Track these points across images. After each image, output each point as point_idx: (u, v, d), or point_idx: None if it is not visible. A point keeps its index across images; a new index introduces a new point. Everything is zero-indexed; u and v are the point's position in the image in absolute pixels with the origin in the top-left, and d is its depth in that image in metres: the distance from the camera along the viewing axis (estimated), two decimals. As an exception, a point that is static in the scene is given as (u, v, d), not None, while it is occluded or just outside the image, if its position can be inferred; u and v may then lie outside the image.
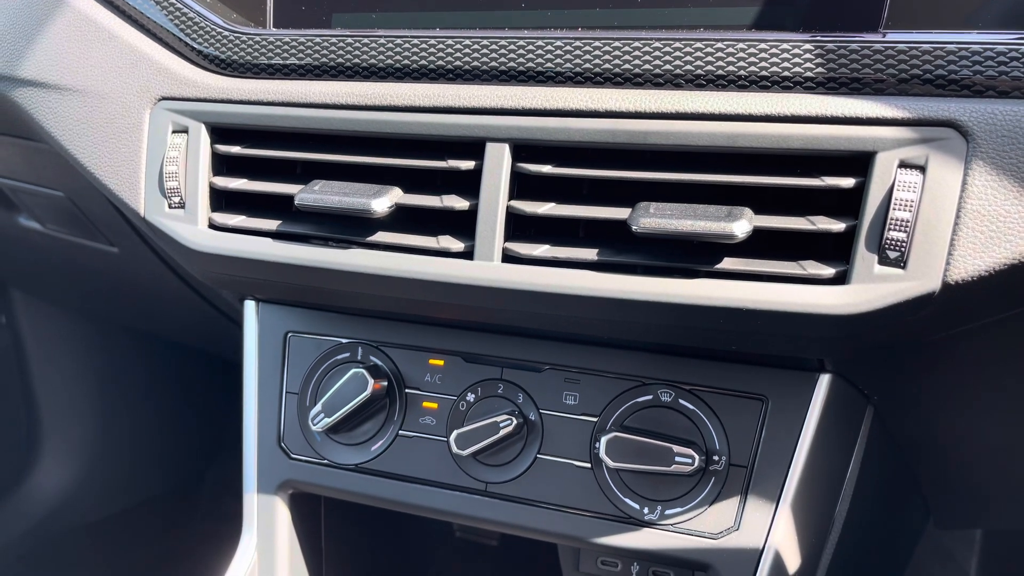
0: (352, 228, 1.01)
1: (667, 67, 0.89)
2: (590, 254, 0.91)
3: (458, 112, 0.96)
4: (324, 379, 1.16)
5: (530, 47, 0.94)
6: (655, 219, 0.84)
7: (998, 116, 0.78)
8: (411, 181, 1.00)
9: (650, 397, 1.02)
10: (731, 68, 0.87)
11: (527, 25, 0.96)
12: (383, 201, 0.95)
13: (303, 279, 1.04)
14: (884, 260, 0.81)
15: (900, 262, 0.80)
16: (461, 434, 1.06)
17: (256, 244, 1.04)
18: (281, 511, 1.22)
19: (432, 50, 0.98)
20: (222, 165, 1.09)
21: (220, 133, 1.08)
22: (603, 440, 0.99)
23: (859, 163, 0.83)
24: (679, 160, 0.89)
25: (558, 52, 0.93)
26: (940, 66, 0.80)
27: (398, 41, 1.00)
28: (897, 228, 0.80)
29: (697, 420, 1.00)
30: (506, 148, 0.93)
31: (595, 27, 0.93)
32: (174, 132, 1.08)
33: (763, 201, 0.88)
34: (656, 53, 0.89)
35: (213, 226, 1.08)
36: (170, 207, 1.09)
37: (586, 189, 0.96)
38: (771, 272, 0.85)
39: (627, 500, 1.02)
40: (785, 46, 0.85)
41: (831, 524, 1.06)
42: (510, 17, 0.97)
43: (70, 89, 1.15)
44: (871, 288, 0.81)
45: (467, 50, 0.97)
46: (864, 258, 0.81)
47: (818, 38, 0.84)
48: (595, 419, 1.04)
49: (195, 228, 1.07)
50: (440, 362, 1.11)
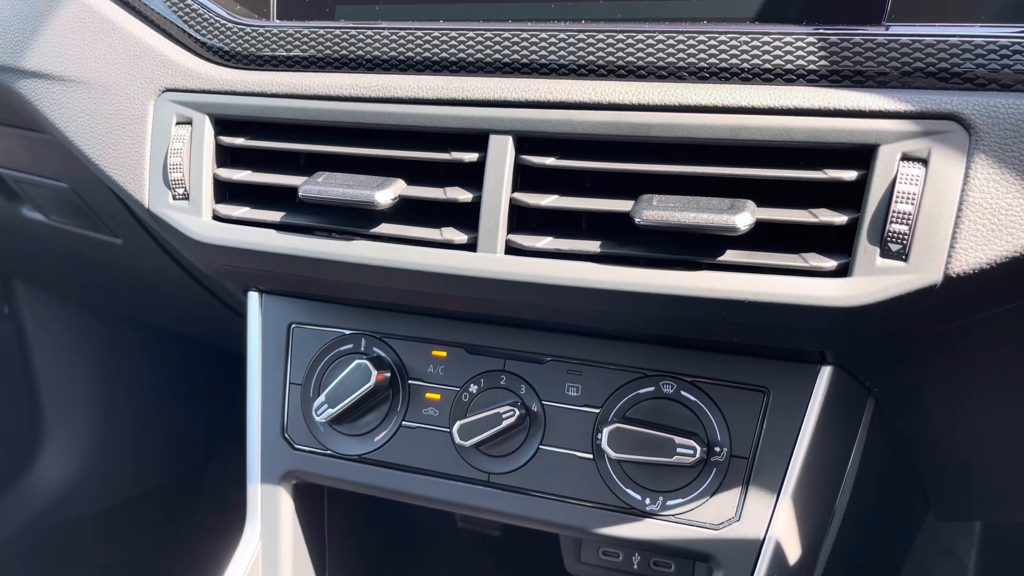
0: (356, 220, 1.01)
1: (670, 59, 0.89)
2: (593, 246, 0.91)
3: (461, 104, 0.96)
4: (327, 370, 1.17)
5: (533, 39, 0.94)
6: (658, 211, 0.85)
7: (1000, 109, 0.78)
8: (414, 173, 1.00)
9: (652, 388, 1.02)
10: (734, 61, 0.87)
11: (530, 17, 0.96)
12: (387, 193, 0.95)
13: (307, 270, 1.05)
14: (886, 253, 0.81)
15: (902, 255, 0.81)
16: (464, 425, 1.07)
17: (260, 235, 1.05)
18: (284, 501, 1.22)
19: (435, 42, 0.98)
20: (226, 157, 1.09)
21: (224, 125, 1.09)
22: (605, 431, 1.00)
23: (861, 156, 0.83)
24: (682, 152, 0.90)
25: (561, 44, 0.93)
26: (943, 59, 0.80)
27: (401, 33, 1.00)
28: (899, 221, 0.80)
29: (699, 411, 1.00)
30: (509, 140, 0.93)
31: (598, 19, 0.93)
32: (178, 124, 1.09)
33: (765, 194, 0.89)
34: (659, 45, 0.89)
35: (217, 217, 1.08)
36: (174, 198, 1.09)
37: (589, 181, 0.97)
38: (773, 264, 0.85)
39: (629, 491, 1.03)
40: (788, 39, 0.85)
41: (831, 515, 1.07)
42: (513, 9, 0.97)
43: (74, 80, 1.15)
44: (873, 280, 0.81)
45: (470, 42, 0.97)
46: (866, 251, 0.82)
47: (821, 31, 0.84)
48: (597, 410, 1.04)
49: (199, 219, 1.08)
50: (443, 353, 1.12)
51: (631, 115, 0.89)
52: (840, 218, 0.83)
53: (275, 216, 1.05)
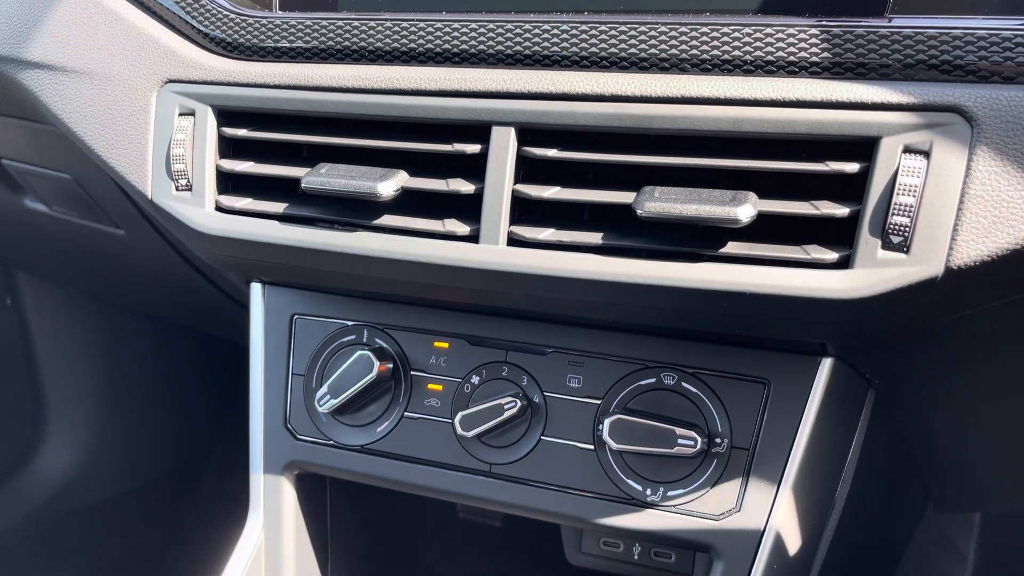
0: (358, 211, 1.01)
1: (672, 51, 0.89)
2: (595, 238, 0.91)
3: (464, 96, 0.96)
4: (330, 361, 1.17)
5: (536, 31, 0.94)
6: (660, 203, 0.85)
7: (1003, 102, 0.78)
8: (417, 165, 1.01)
9: (653, 380, 1.03)
10: (736, 53, 0.87)
11: (533, 9, 0.96)
12: (389, 185, 0.96)
13: (309, 262, 1.05)
14: (887, 245, 0.81)
15: (903, 247, 0.81)
16: (466, 416, 1.07)
17: (263, 227, 1.05)
18: (287, 491, 1.23)
19: (438, 33, 0.98)
20: (229, 148, 1.10)
21: (227, 116, 1.09)
22: (606, 422, 1.00)
23: (863, 148, 0.83)
24: (684, 144, 0.90)
25: (564, 36, 0.93)
26: (945, 51, 0.80)
27: (404, 24, 1.00)
28: (901, 213, 0.80)
29: (700, 403, 1.01)
30: (512, 132, 0.93)
31: (601, 11, 0.93)
32: (181, 115, 1.09)
33: (767, 186, 0.89)
34: (662, 37, 0.89)
35: (220, 208, 1.08)
36: (177, 189, 1.09)
37: (591, 173, 0.97)
38: (775, 256, 0.85)
39: (630, 482, 1.03)
40: (791, 31, 0.85)
41: (831, 506, 1.07)
42: (516, 1, 0.97)
43: (77, 71, 1.15)
44: (874, 272, 0.82)
45: (473, 33, 0.97)
46: (867, 243, 0.82)
47: (824, 23, 0.84)
48: (598, 402, 1.05)
49: (202, 211, 1.08)
50: (445, 345, 1.12)
51: (633, 107, 0.89)
52: (842, 210, 0.83)
53: (278, 207, 1.05)
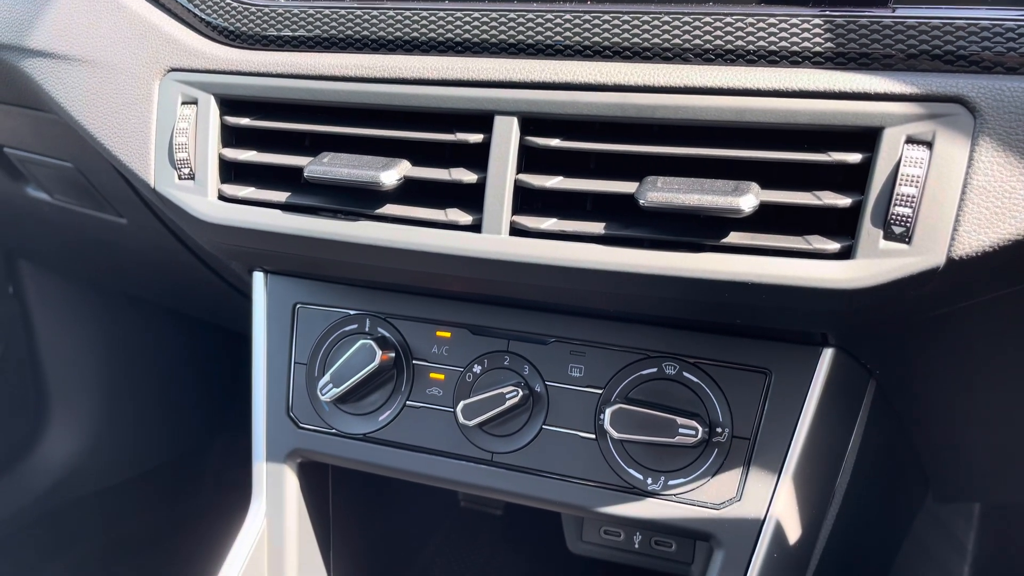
0: (361, 200, 1.01)
1: (676, 41, 0.89)
2: (597, 228, 0.91)
3: (467, 85, 0.96)
4: (332, 350, 1.18)
5: (539, 20, 0.94)
6: (662, 193, 0.85)
7: (1006, 92, 0.78)
8: (419, 154, 1.01)
9: (654, 370, 1.03)
10: (740, 43, 0.87)
11: (536, -2, 0.96)
12: (392, 174, 0.96)
13: (312, 251, 1.05)
14: (889, 235, 0.81)
15: (905, 237, 0.81)
16: (467, 405, 1.07)
17: (265, 216, 1.05)
18: (290, 479, 1.23)
19: (441, 22, 0.98)
20: (231, 137, 1.10)
21: (229, 105, 1.09)
22: (608, 412, 1.00)
23: (866, 138, 0.83)
24: (687, 134, 0.90)
25: (567, 25, 0.93)
26: (949, 42, 0.80)
27: (407, 13, 1.00)
28: (903, 204, 0.80)
29: (701, 392, 1.01)
30: (514, 121, 0.93)
31: (604, 0, 0.93)
32: (183, 103, 1.09)
33: (770, 176, 0.89)
34: (665, 27, 0.89)
35: (223, 197, 1.08)
36: (180, 178, 1.09)
37: (593, 163, 0.97)
38: (777, 246, 0.85)
39: (631, 471, 1.04)
40: (794, 20, 0.85)
41: (832, 496, 1.08)
42: (519, -10, 0.97)
43: (79, 60, 1.15)
44: (876, 263, 0.82)
45: (476, 22, 0.97)
46: (869, 233, 0.82)
47: (827, 12, 0.84)
48: (600, 391, 1.05)
49: (205, 199, 1.08)
50: (447, 334, 1.12)
51: (636, 97, 0.89)
52: (844, 200, 0.83)
53: (280, 196, 1.05)
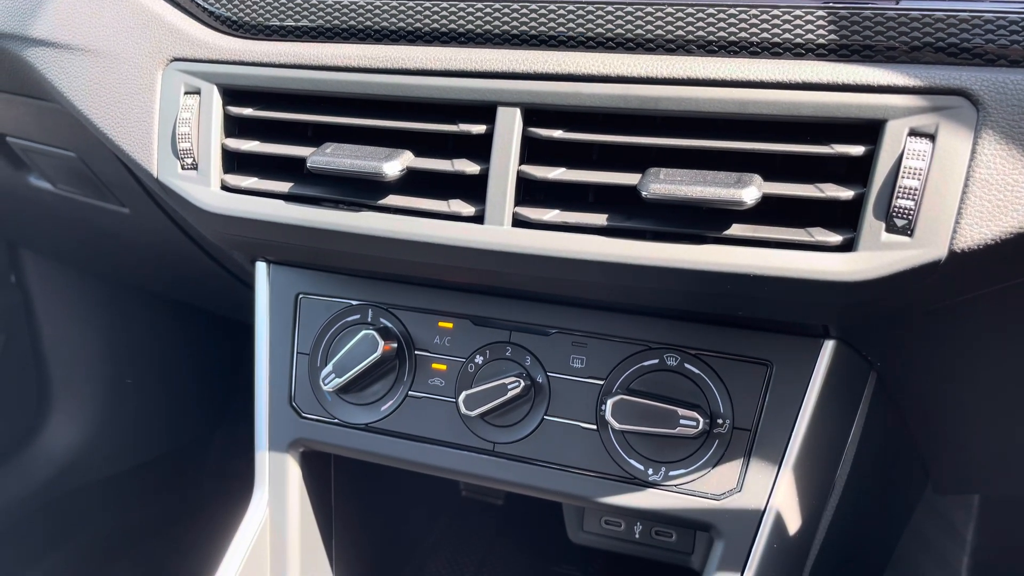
0: (363, 191, 1.01)
1: (679, 32, 0.89)
2: (600, 219, 0.91)
3: (469, 76, 0.96)
4: (335, 340, 1.18)
5: (542, 11, 0.94)
6: (665, 185, 0.85)
7: (1009, 85, 0.78)
8: (422, 145, 1.01)
9: (656, 361, 1.03)
10: (743, 34, 0.87)
11: (539, -11, 0.95)
12: (394, 165, 0.96)
13: (314, 241, 1.05)
14: (891, 228, 0.82)
15: (907, 230, 0.81)
16: (469, 395, 1.08)
17: (268, 206, 1.05)
18: (292, 469, 1.24)
19: (444, 13, 0.98)
20: (234, 127, 1.10)
21: (232, 95, 1.09)
22: (609, 402, 1.01)
23: (869, 131, 0.83)
24: (689, 126, 0.90)
25: (570, 16, 0.93)
26: (952, 34, 0.80)
27: (409, 4, 1.00)
28: (905, 196, 0.80)
29: (702, 384, 1.01)
30: (517, 112, 0.93)
31: (608, -9, 0.93)
32: (186, 93, 1.09)
33: (772, 168, 0.89)
34: (668, 18, 0.89)
35: (225, 188, 1.08)
36: (183, 168, 1.10)
37: (596, 154, 0.97)
38: (779, 239, 0.86)
39: (632, 461, 1.04)
40: (798, 12, 0.85)
41: (831, 487, 1.08)
42: (522, -20, 0.97)
43: (82, 49, 1.15)
44: (878, 255, 0.82)
45: (479, 13, 0.97)
46: (871, 226, 0.82)
47: (831, 4, 0.84)
48: (601, 382, 1.05)
49: (208, 189, 1.08)
50: (449, 325, 1.13)
51: (639, 88, 0.89)
52: (846, 193, 0.83)
53: (283, 187, 1.05)
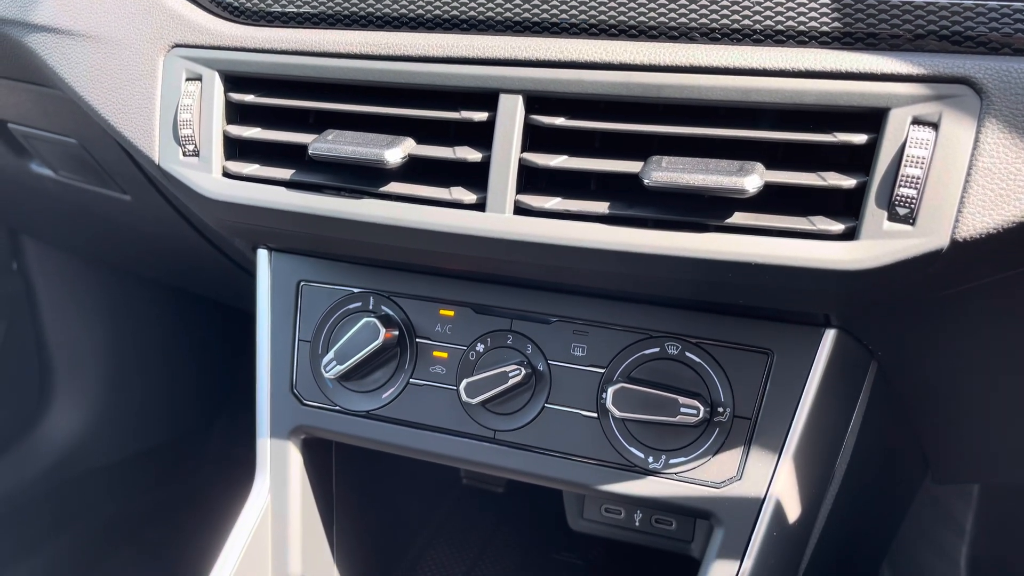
0: (365, 178, 1.01)
1: (682, 20, 0.89)
2: (601, 207, 0.91)
3: (472, 63, 0.96)
4: (336, 327, 1.18)
5: (545, -2, 0.94)
6: (667, 173, 0.85)
7: (1013, 74, 0.78)
8: (424, 132, 1.00)
9: (657, 349, 1.03)
10: (746, 22, 0.86)
11: (542, -25, 0.95)
12: (396, 152, 0.96)
13: (316, 228, 1.05)
14: (894, 216, 0.81)
15: (909, 219, 0.81)
16: (470, 383, 1.08)
17: (270, 193, 1.05)
18: (293, 456, 1.24)
19: (446, 0, 0.98)
20: (236, 113, 1.09)
21: (234, 81, 1.09)
22: (610, 391, 1.01)
23: (872, 119, 0.83)
24: (692, 114, 0.89)
25: (573, 3, 0.93)
26: (956, 22, 0.80)
27: (412, -10, 0.99)
28: (908, 185, 0.80)
29: (703, 372, 1.01)
30: (519, 100, 0.93)
31: (611, -22, 0.92)
32: (188, 80, 1.08)
33: (775, 156, 0.89)
34: (671, 5, 0.89)
35: (227, 174, 1.08)
36: (184, 155, 1.09)
37: (598, 142, 0.97)
38: (781, 227, 0.85)
39: (632, 449, 1.04)
40: None
41: (831, 476, 1.09)
42: (525, -33, 0.97)
43: (83, 35, 1.14)
44: (880, 244, 0.82)
45: (481, 0, 0.96)
46: (874, 214, 0.82)
47: (835, -8, 0.84)
48: (602, 370, 1.06)
49: (209, 176, 1.08)
50: (450, 313, 1.13)
51: (642, 76, 0.89)
52: (849, 181, 0.83)
53: (285, 174, 1.05)
